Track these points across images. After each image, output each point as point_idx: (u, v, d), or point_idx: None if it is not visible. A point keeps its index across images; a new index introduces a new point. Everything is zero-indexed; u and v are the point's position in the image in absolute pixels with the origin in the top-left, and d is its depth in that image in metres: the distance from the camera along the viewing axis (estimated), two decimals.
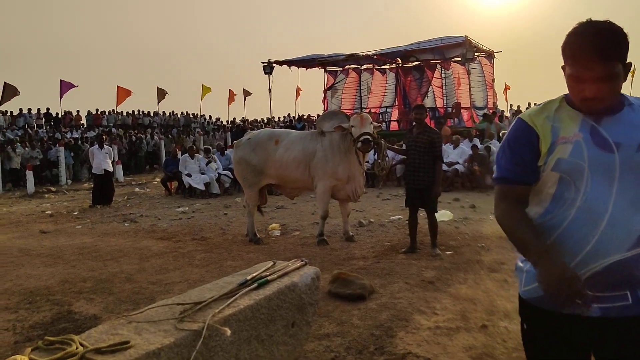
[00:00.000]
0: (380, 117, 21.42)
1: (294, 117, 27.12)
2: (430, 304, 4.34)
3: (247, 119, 30.40)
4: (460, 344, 3.51)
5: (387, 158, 7.23)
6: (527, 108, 26.04)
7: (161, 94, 24.30)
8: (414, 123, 6.34)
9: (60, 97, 18.65)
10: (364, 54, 18.71)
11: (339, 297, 4.55)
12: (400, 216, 8.57)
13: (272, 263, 3.61)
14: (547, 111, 1.72)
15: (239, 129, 27.42)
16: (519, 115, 1.78)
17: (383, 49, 18.46)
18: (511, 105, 27.53)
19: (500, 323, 3.87)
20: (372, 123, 6.67)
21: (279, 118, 28.93)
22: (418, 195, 6.12)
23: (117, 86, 21.79)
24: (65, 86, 18.27)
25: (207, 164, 12.80)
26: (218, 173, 13.03)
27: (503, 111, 25.42)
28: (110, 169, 12.23)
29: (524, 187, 1.75)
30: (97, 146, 12.29)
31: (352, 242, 6.92)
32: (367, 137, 6.44)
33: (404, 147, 7.03)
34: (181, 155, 13.35)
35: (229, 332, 2.70)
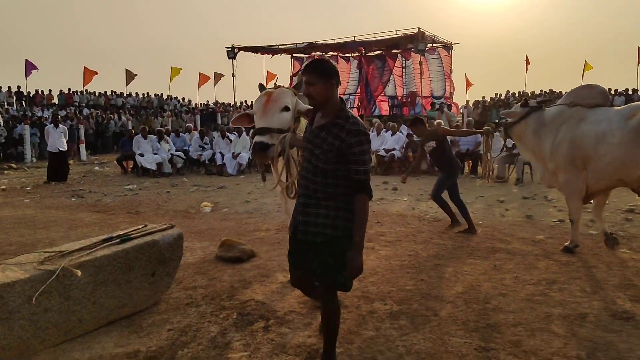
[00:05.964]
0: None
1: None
2: None
3: (223, 102, 30.90)
4: (298, 294, 4.28)
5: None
6: (490, 99, 26.92)
7: (129, 75, 24.69)
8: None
9: (26, 76, 19.02)
10: (322, 42, 19.38)
11: (222, 259, 5.31)
12: None
13: (144, 225, 4.34)
14: None
15: (209, 112, 28.03)
16: None
17: (341, 38, 19.16)
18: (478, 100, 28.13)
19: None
20: (283, 109, 3.70)
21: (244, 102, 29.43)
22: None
23: (84, 67, 22.18)
24: (30, 66, 18.64)
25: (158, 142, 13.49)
26: (171, 154, 13.69)
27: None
28: (65, 147, 12.79)
29: None
30: (52, 125, 12.86)
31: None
32: (260, 140, 3.61)
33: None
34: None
35: (79, 273, 3.43)
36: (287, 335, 3.48)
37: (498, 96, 28.10)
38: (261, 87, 4.15)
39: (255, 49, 20.79)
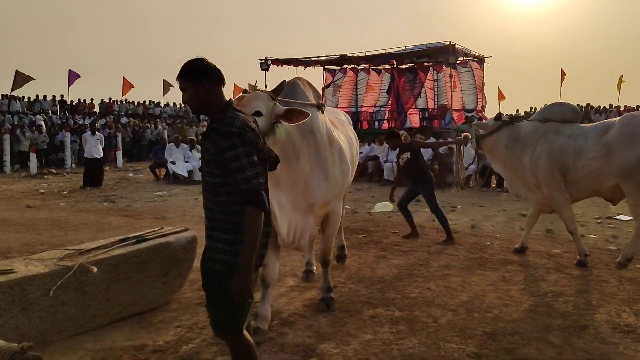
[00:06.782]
0: (374, 115, 22.43)
1: None
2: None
3: None
4: (304, 298, 4.42)
5: None
6: (524, 113, 26.58)
7: (166, 86, 25.43)
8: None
9: (69, 85, 19.89)
10: (354, 54, 19.62)
11: None
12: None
13: (160, 227, 4.57)
14: None
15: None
16: None
17: (373, 50, 19.34)
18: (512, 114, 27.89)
19: (350, 285, 4.77)
20: (254, 114, 3.10)
21: None
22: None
23: (123, 77, 23.02)
24: (73, 76, 19.52)
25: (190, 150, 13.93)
26: None
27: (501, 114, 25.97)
28: (100, 154, 13.31)
29: None
30: (89, 132, 13.42)
31: None
32: None
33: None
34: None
35: (95, 269, 3.65)
36: (288, 335, 3.62)
37: (533, 110, 27.72)
38: None
39: (287, 61, 21.13)
